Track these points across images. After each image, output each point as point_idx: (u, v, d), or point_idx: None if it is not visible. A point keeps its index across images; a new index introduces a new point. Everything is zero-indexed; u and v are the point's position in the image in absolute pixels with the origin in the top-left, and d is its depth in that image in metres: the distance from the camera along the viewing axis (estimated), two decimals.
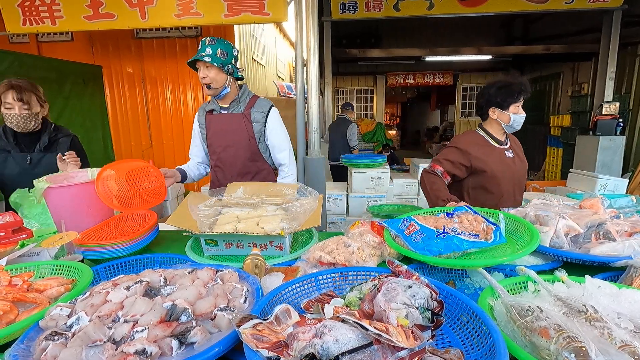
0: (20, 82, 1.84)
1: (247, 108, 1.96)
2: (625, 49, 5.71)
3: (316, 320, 0.67)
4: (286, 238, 1.28)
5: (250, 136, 1.95)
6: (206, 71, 1.81)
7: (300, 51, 3.30)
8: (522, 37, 8.38)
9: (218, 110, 1.97)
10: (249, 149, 1.97)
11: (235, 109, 1.96)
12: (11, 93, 1.80)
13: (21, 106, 1.83)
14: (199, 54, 1.79)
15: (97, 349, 0.62)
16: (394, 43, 8.83)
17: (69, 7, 3.76)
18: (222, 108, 1.97)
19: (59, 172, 1.75)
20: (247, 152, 1.97)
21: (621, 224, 1.18)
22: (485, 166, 1.83)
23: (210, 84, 1.82)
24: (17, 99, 1.81)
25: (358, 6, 4.99)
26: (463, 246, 1.06)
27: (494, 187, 1.85)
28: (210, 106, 1.98)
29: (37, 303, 0.89)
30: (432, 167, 1.87)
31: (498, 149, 1.89)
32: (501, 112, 1.84)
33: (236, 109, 1.96)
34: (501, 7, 4.68)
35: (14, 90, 1.80)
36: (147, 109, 5.68)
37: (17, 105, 1.82)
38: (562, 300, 0.77)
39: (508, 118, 1.83)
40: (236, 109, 1.96)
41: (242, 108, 1.95)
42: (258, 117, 1.95)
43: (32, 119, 1.88)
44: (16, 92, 1.80)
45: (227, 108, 1.96)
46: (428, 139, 15.20)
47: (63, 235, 1.23)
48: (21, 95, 1.81)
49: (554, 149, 7.18)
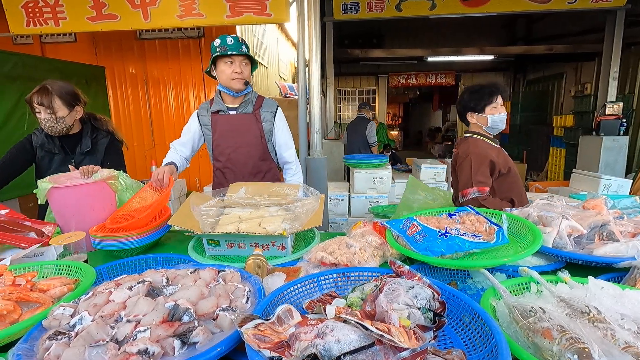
0: (48, 84, 1.81)
1: (256, 108, 1.96)
2: (628, 48, 5.68)
3: (318, 321, 0.67)
4: (288, 238, 1.28)
5: (262, 136, 1.96)
6: (243, 67, 1.82)
7: (302, 52, 3.30)
8: (524, 37, 8.35)
9: (225, 111, 1.93)
10: (260, 148, 1.98)
11: (245, 109, 1.95)
12: (36, 96, 1.79)
13: (45, 110, 1.80)
14: (240, 48, 1.78)
15: (99, 349, 0.62)
16: (396, 43, 8.82)
17: (72, 9, 3.78)
18: (229, 109, 1.94)
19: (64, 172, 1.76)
20: (258, 152, 1.98)
21: (625, 225, 1.17)
22: (505, 165, 1.84)
23: (244, 80, 1.82)
24: (38, 103, 1.79)
25: (360, 6, 4.99)
26: (465, 247, 1.05)
27: (516, 184, 1.87)
28: (217, 107, 1.93)
29: (40, 303, 0.89)
30: (480, 191, 1.77)
31: (499, 148, 1.91)
32: (479, 115, 1.88)
33: (245, 109, 1.95)
34: (503, 7, 4.67)
35: (38, 93, 1.79)
36: (149, 110, 5.70)
37: (42, 110, 1.80)
38: (565, 301, 0.77)
39: (486, 120, 1.85)
40: (245, 110, 1.95)
41: (251, 108, 1.95)
42: (267, 116, 1.96)
43: (59, 124, 1.84)
44: (39, 95, 1.78)
45: (236, 108, 1.94)
46: (430, 139, 15.18)
47: (71, 235, 1.25)
48: (41, 100, 1.78)
49: (556, 149, 7.15)
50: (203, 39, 5.38)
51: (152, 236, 1.41)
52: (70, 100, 1.88)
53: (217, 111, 1.94)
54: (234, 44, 1.78)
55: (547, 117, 8.34)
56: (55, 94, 1.81)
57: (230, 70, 1.81)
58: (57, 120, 1.83)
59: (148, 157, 5.72)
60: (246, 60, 1.84)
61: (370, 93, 10.39)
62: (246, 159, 1.97)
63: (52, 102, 1.80)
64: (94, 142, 2.00)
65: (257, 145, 1.96)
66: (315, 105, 3.07)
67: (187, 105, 5.62)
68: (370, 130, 5.41)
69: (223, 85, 1.88)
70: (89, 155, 1.97)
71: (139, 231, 1.37)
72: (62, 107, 1.84)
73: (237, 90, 1.87)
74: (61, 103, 1.84)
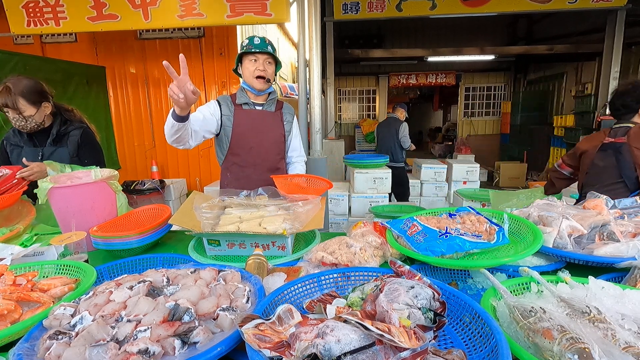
0: (10, 84, 1.76)
1: (278, 108, 2.03)
2: (629, 48, 5.68)
3: (318, 321, 0.67)
4: (288, 238, 1.28)
5: (283, 134, 2.03)
6: (267, 66, 1.87)
7: (302, 52, 3.31)
8: (525, 37, 8.35)
9: (251, 105, 1.95)
10: (282, 146, 2.05)
11: (269, 108, 1.99)
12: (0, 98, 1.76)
13: (11, 111, 1.77)
14: (265, 47, 1.83)
15: (100, 349, 0.62)
16: (397, 43, 8.83)
17: (72, 8, 3.79)
18: (255, 104, 1.96)
19: (63, 172, 1.76)
20: (279, 149, 2.04)
21: (625, 225, 1.17)
22: None
23: (266, 79, 1.86)
24: (2, 105, 1.76)
25: (360, 6, 5.00)
26: (466, 247, 1.05)
27: None
28: (242, 99, 1.93)
29: (41, 302, 0.89)
30: None
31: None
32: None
33: (269, 107, 1.99)
34: (504, 7, 4.67)
35: (1, 95, 1.75)
36: (150, 110, 5.70)
37: (9, 110, 1.78)
38: (565, 301, 0.77)
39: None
40: (269, 108, 1.99)
41: (274, 107, 2.01)
42: (289, 118, 2.05)
43: (28, 122, 1.81)
44: (1, 97, 1.75)
45: (262, 105, 1.97)
46: (431, 139, 15.17)
47: (72, 235, 1.25)
48: (5, 101, 1.75)
49: (557, 149, 7.15)
50: (203, 39, 5.39)
51: (152, 236, 1.41)
52: (35, 98, 1.83)
53: (241, 104, 1.94)
54: (259, 43, 1.84)
55: (547, 117, 8.34)
56: (18, 95, 1.76)
57: (253, 68, 1.84)
58: (25, 120, 1.81)
59: (149, 157, 5.73)
60: (270, 59, 1.88)
61: (371, 93, 10.39)
62: (267, 155, 2.00)
63: (16, 102, 1.76)
64: (63, 133, 1.95)
65: (278, 143, 2.02)
66: (315, 105, 3.07)
67: None
68: (403, 134, 4.91)
69: (246, 83, 1.91)
70: (59, 146, 1.93)
71: (139, 231, 1.37)
72: (27, 106, 1.80)
73: (258, 89, 1.89)
74: (25, 102, 1.79)
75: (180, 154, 5.73)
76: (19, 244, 1.43)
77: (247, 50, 1.84)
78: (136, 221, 1.59)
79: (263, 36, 1.87)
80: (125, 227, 1.51)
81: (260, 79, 1.86)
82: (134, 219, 1.60)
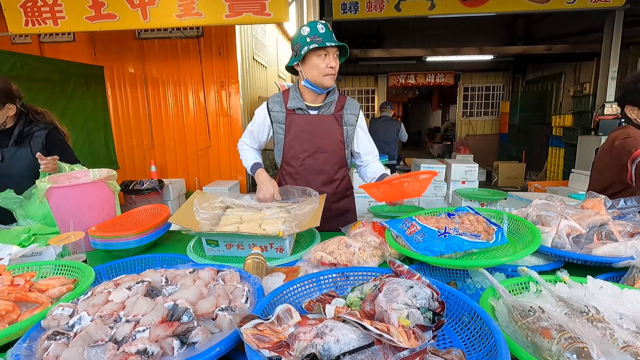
0: None
1: (338, 109, 1.73)
2: (627, 48, 5.70)
3: (317, 321, 0.67)
4: (286, 240, 1.27)
5: (342, 140, 1.75)
6: (336, 59, 1.61)
7: None
8: (524, 37, 8.36)
9: (305, 110, 1.71)
10: (340, 154, 1.77)
11: (326, 110, 1.73)
12: None
13: None
14: (332, 38, 1.57)
15: (99, 349, 0.62)
16: (396, 43, 8.82)
17: (71, 8, 3.78)
18: (309, 107, 1.72)
19: (61, 172, 1.75)
20: (336, 158, 1.77)
21: (623, 225, 1.17)
22: None
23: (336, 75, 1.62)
24: None
25: (359, 6, 4.99)
26: (464, 246, 1.05)
27: None
28: (295, 104, 1.69)
29: (39, 303, 0.89)
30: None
31: None
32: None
33: (327, 109, 1.73)
34: (503, 7, 4.67)
35: None
36: (148, 110, 5.69)
37: None
38: (564, 301, 0.77)
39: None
40: (327, 110, 1.73)
41: (333, 109, 1.73)
42: (351, 120, 1.75)
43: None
44: None
45: (317, 108, 1.72)
46: (429, 139, 15.18)
47: (70, 235, 1.25)
48: None
49: (555, 149, 7.17)
50: (202, 38, 5.38)
51: (151, 236, 1.40)
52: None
53: (293, 109, 1.71)
54: (326, 32, 1.54)
55: (546, 117, 8.35)
56: None
57: (324, 65, 1.57)
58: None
59: (147, 157, 5.72)
60: (337, 51, 1.62)
61: (370, 93, 10.38)
62: (322, 166, 1.77)
63: None
64: (27, 134, 1.90)
65: (336, 151, 1.76)
66: None
67: (186, 105, 5.62)
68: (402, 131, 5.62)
69: (310, 82, 1.63)
70: (21, 147, 1.88)
71: (137, 231, 1.37)
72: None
73: (328, 87, 1.65)
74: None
75: (179, 154, 5.73)
76: (17, 243, 1.42)
77: (318, 44, 1.52)
78: (135, 221, 1.58)
79: (325, 21, 1.63)
80: (123, 227, 1.51)
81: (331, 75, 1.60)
82: (133, 219, 1.60)
